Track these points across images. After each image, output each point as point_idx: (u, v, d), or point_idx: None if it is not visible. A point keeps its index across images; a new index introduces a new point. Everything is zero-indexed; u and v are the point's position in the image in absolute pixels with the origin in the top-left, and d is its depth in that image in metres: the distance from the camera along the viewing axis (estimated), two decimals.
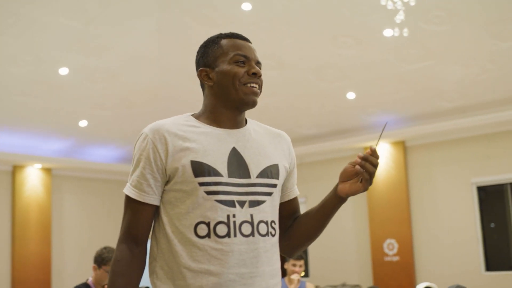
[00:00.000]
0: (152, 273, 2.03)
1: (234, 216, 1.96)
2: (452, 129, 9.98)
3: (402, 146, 10.74)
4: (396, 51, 8.47)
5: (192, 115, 2.12)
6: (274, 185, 2.07)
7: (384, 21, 7.70)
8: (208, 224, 1.94)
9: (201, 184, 1.95)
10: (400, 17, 6.31)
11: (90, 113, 10.19)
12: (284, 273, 6.41)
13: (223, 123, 2.08)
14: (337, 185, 2.11)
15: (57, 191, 12.02)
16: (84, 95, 9.54)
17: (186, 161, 1.96)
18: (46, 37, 7.96)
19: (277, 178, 2.09)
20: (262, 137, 2.15)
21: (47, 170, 11.69)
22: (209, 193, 1.95)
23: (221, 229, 1.94)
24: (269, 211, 2.04)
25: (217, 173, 1.96)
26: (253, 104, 2.08)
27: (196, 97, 9.79)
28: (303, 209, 2.13)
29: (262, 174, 2.04)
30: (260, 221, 2.00)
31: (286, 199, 2.21)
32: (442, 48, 8.39)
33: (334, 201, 2.12)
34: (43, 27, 7.71)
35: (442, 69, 8.82)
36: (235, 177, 1.99)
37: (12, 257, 11.13)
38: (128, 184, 2.04)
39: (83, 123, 10.48)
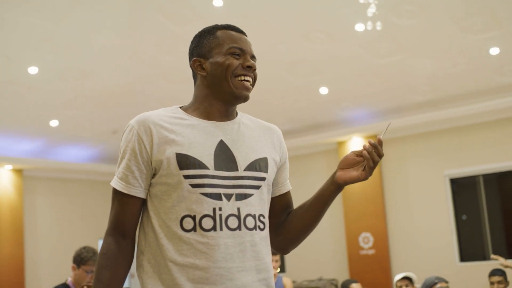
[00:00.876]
0: (139, 266, 2.01)
1: (220, 209, 1.93)
2: (424, 122, 10.07)
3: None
4: (368, 46, 8.49)
5: (180, 107, 2.09)
6: (263, 178, 2.04)
7: (356, 15, 7.72)
8: (194, 218, 1.91)
9: (186, 177, 1.92)
10: (372, 10, 6.31)
11: (61, 113, 10.07)
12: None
13: (212, 115, 2.05)
14: (334, 173, 2.08)
15: (29, 192, 11.88)
16: (54, 94, 9.42)
17: (171, 153, 1.93)
18: (15, 36, 7.83)
19: (266, 171, 2.05)
20: (252, 131, 2.12)
21: (18, 171, 11.54)
22: (194, 186, 1.92)
23: (207, 223, 1.91)
24: (257, 204, 2.01)
25: (202, 166, 1.93)
26: (245, 98, 2.05)
27: (168, 94, 9.77)
28: None
29: (250, 167, 2.01)
30: (247, 215, 1.97)
31: (278, 193, 2.18)
32: (413, 42, 8.43)
33: (331, 189, 2.08)
34: (12, 26, 7.58)
35: (414, 63, 8.87)
36: (222, 170, 1.96)
37: None
38: (115, 177, 2.01)
39: (54, 123, 10.35)
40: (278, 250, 2.22)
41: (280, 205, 2.19)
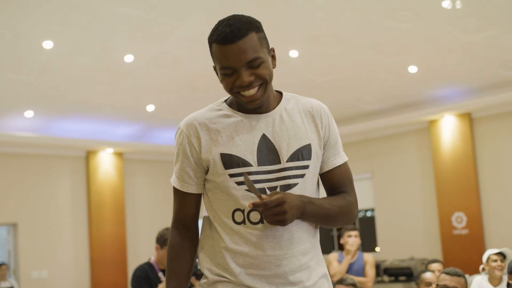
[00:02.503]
0: (201, 247, 2.19)
1: None
2: None
3: (468, 118, 10.59)
4: (456, 22, 8.34)
5: (225, 101, 2.17)
6: (306, 166, 2.10)
7: None
8: (243, 211, 2.06)
9: (231, 175, 2.05)
10: None
11: (157, 98, 10.49)
12: (341, 247, 6.48)
13: (252, 110, 2.10)
14: None
15: (129, 174, 12.45)
16: (149, 80, 9.83)
17: (216, 153, 2.07)
18: (110, 26, 8.23)
19: (309, 158, 2.10)
20: (294, 116, 2.13)
21: (119, 154, 12.12)
22: (239, 183, 2.05)
23: (254, 216, 2.05)
24: (301, 192, 2.06)
25: (246, 164, 2.05)
26: (255, 107, 2.07)
27: None
28: (369, 185, 2.09)
29: (292, 158, 2.07)
30: None
31: (323, 171, 2.19)
32: (502, 17, 8.21)
33: None
34: (106, 17, 7.98)
35: (504, 38, 8.64)
36: (265, 165, 2.06)
37: (90, 238, 11.64)
38: (173, 175, 2.20)
39: (150, 108, 10.80)
40: None
41: (327, 182, 2.22)
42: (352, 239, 6.27)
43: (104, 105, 10.46)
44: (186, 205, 2.19)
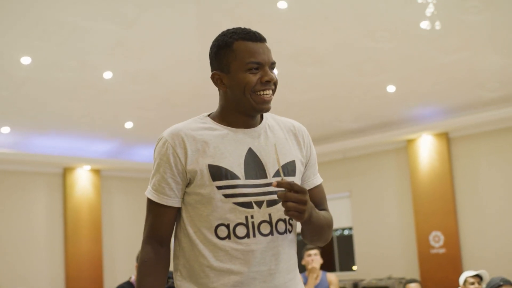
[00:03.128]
0: (175, 270, 2.12)
1: (252, 217, 2.01)
2: (495, 119, 9.88)
3: (445, 138, 10.67)
4: (434, 43, 8.43)
5: (209, 115, 2.16)
6: None
7: (420, 13, 7.69)
8: (227, 226, 2.01)
9: (219, 187, 2.00)
10: (430, 10, 6.30)
11: (135, 114, 10.44)
12: (303, 268, 6.38)
13: (238, 124, 2.10)
14: None
15: (106, 191, 12.36)
16: (128, 97, 9.79)
17: (203, 165, 2.01)
18: (89, 42, 8.20)
19: (294, 175, 2.11)
20: (278, 133, 2.15)
21: (96, 171, 12.02)
22: (227, 196, 2.00)
23: (240, 230, 2.01)
24: None
25: (234, 176, 2.01)
26: (265, 111, 2.10)
27: None
28: (347, 203, 2.08)
29: (278, 173, 2.05)
30: (279, 220, 2.05)
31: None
32: (480, 38, 8.32)
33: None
34: (85, 33, 7.95)
35: (482, 59, 8.74)
36: (252, 178, 2.03)
37: (66, 255, 11.51)
38: (149, 188, 2.11)
39: (128, 125, 10.75)
40: (309, 244, 2.28)
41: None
42: (312, 258, 6.18)
43: (82, 121, 10.39)
44: (162, 219, 2.09)
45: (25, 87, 8.96)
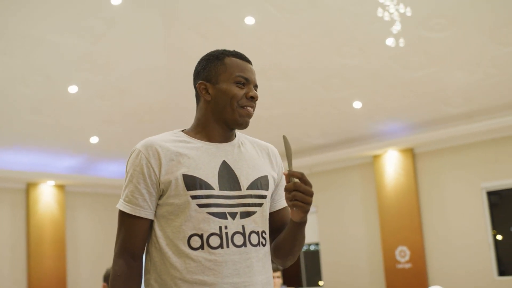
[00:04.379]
0: (147, 285, 2.09)
1: (226, 227, 2.01)
2: (459, 134, 10.01)
3: (411, 153, 10.78)
4: (399, 59, 8.54)
5: (182, 130, 2.18)
6: (264, 196, 2.13)
7: (386, 30, 7.78)
8: (201, 236, 1.99)
9: (193, 197, 2.00)
10: (396, 27, 6.38)
11: (101, 129, 10.34)
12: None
13: (214, 137, 2.14)
14: None
15: (71, 207, 12.18)
16: (94, 111, 9.69)
17: (178, 174, 2.01)
18: (54, 56, 8.11)
19: (267, 189, 2.14)
20: (251, 150, 2.20)
21: (60, 187, 11.85)
22: (201, 205, 2.00)
23: (214, 241, 1.99)
24: (260, 221, 2.10)
25: (208, 186, 2.02)
26: (245, 125, 2.14)
27: None
28: (314, 219, 2.11)
29: (252, 186, 2.10)
30: (252, 232, 2.06)
31: (274, 209, 2.24)
32: (444, 55, 8.45)
33: (291, 225, 2.11)
34: (51, 47, 7.86)
35: (446, 75, 8.87)
36: (226, 190, 2.05)
37: (28, 273, 11.28)
38: (121, 200, 2.09)
39: (94, 140, 10.63)
40: (277, 263, 2.27)
41: (276, 221, 2.24)
42: (275, 280, 6.25)
43: (46, 136, 10.24)
44: (135, 232, 2.06)
45: None
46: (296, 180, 1.97)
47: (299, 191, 1.95)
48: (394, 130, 10.54)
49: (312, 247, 12.40)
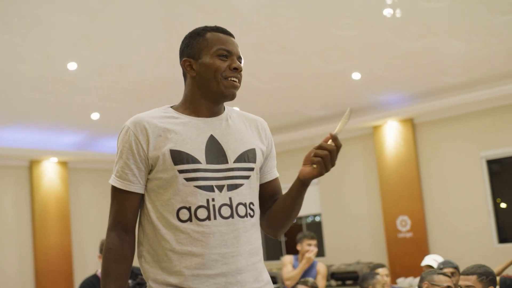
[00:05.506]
0: (140, 256, 2.18)
1: (213, 200, 2.08)
2: (458, 104, 10.04)
3: (411, 124, 10.82)
4: (397, 30, 8.54)
5: (171, 106, 2.24)
6: (251, 169, 2.18)
7: (383, 0, 7.78)
8: (189, 209, 2.07)
9: (180, 171, 2.07)
10: None
11: (101, 106, 10.38)
12: (296, 252, 6.51)
13: (202, 112, 2.19)
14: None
15: (74, 183, 12.28)
16: (94, 88, 9.73)
17: (165, 150, 2.08)
18: (53, 34, 8.13)
19: (254, 162, 2.20)
20: (239, 124, 2.25)
21: (63, 163, 11.93)
22: (188, 179, 2.07)
23: (202, 213, 2.06)
24: (247, 193, 2.16)
25: (195, 160, 2.08)
26: (232, 97, 2.19)
27: None
28: (315, 190, 2.15)
29: (239, 159, 2.15)
30: (239, 203, 2.12)
31: (264, 181, 2.29)
32: (442, 25, 8.44)
33: (296, 185, 2.16)
34: (49, 24, 7.87)
35: (444, 46, 8.87)
36: (213, 163, 2.10)
37: (34, 249, 11.42)
38: (113, 176, 2.16)
39: (95, 116, 10.68)
40: (269, 234, 2.33)
41: (267, 192, 2.31)
42: (312, 248, 6.29)
43: (47, 113, 10.29)
44: (126, 206, 2.14)
45: None
46: (332, 144, 2.04)
47: (330, 153, 2.03)
48: (394, 100, 10.57)
49: (314, 218, 12.51)
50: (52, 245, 11.52)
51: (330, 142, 2.05)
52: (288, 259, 6.42)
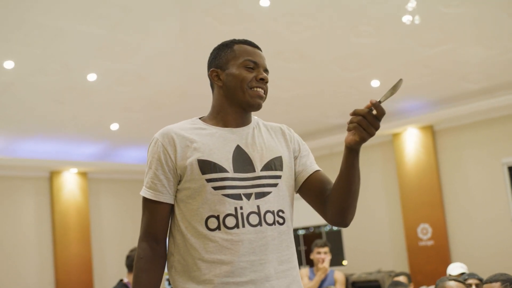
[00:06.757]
0: (170, 267, 2.20)
1: (241, 208, 2.10)
2: (479, 110, 9.97)
3: (431, 131, 10.75)
4: (416, 36, 8.49)
5: (200, 118, 2.30)
6: (279, 177, 2.20)
7: (402, 7, 7.74)
8: (217, 217, 2.10)
9: (208, 180, 2.10)
10: (412, 4, 6.34)
11: (121, 116, 10.43)
12: (312, 263, 6.47)
13: (229, 122, 2.25)
14: None
15: (94, 193, 12.33)
16: (113, 99, 9.77)
17: (193, 160, 2.12)
18: (72, 45, 8.18)
19: (281, 169, 2.22)
20: (264, 133, 2.30)
21: (83, 174, 11.99)
22: (216, 188, 2.10)
23: (230, 221, 2.09)
24: (275, 201, 2.17)
25: (222, 169, 2.12)
26: (258, 107, 2.24)
27: None
28: None
29: (266, 167, 2.18)
30: (267, 211, 2.14)
31: (306, 175, 2.29)
32: (462, 31, 8.38)
33: (345, 153, 2.11)
34: (68, 36, 7.92)
35: (464, 51, 8.81)
36: (240, 172, 2.14)
37: (55, 260, 11.47)
38: (143, 187, 2.21)
39: (114, 126, 10.73)
40: (338, 225, 2.26)
41: (314, 185, 2.28)
42: (322, 256, 6.22)
43: (67, 124, 10.36)
44: (157, 216, 2.18)
45: (9, 91, 8.92)
46: (374, 111, 1.94)
47: (365, 118, 1.93)
48: (413, 107, 10.51)
49: (335, 227, 12.46)
50: (73, 255, 11.56)
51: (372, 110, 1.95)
52: (304, 272, 6.38)
